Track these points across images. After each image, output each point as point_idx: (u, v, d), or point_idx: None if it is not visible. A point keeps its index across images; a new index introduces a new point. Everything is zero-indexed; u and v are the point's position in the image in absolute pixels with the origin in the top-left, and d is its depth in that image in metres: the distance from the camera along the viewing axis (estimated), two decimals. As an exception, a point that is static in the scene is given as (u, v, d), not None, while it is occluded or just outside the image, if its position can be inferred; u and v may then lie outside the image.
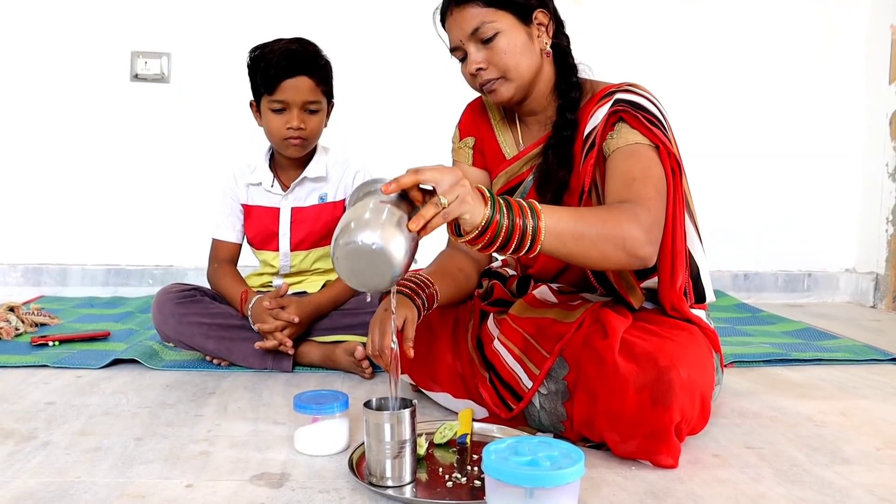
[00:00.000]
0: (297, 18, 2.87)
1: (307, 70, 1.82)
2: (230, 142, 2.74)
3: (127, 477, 1.20)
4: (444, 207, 1.05)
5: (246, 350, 1.85)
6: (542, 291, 1.52)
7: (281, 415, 1.52)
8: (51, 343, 2.06)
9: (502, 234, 1.12)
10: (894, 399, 1.70)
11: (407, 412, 1.15)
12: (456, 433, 1.32)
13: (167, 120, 2.96)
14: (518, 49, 1.39)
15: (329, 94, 1.91)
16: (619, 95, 1.38)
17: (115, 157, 2.95)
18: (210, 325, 1.85)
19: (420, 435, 1.26)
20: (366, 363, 1.78)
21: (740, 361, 1.96)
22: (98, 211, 2.96)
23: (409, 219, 1.05)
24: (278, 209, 1.97)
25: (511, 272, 1.63)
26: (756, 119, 3.08)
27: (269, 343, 1.80)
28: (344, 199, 1.98)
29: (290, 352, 1.82)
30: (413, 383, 1.61)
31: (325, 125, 1.93)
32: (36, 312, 2.35)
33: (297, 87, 1.81)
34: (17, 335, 2.17)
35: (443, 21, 1.45)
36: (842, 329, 2.50)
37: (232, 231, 2.00)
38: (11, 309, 2.29)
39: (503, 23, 1.38)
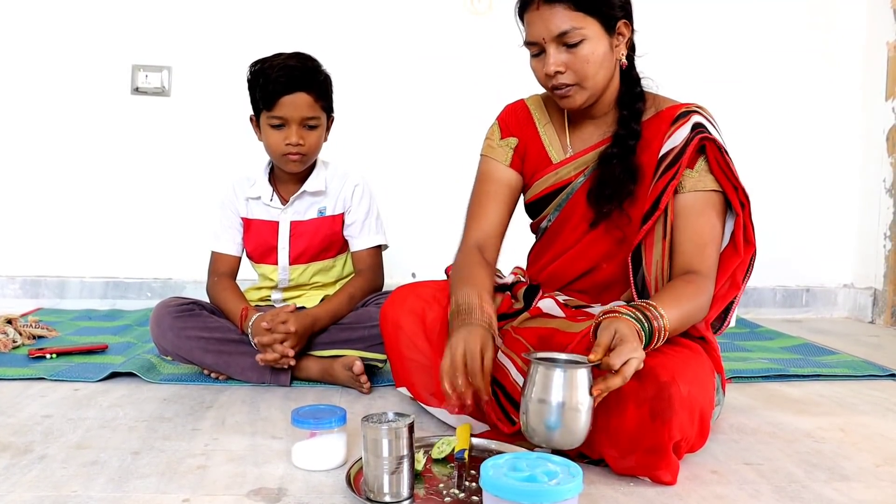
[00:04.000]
0: (299, 32, 2.89)
1: (306, 86, 1.82)
2: (230, 155, 2.74)
3: (123, 491, 1.19)
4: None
5: (244, 364, 1.85)
6: (549, 305, 1.52)
7: (279, 429, 1.52)
8: (48, 356, 2.05)
9: (646, 349, 1.22)
10: (893, 415, 1.69)
11: (405, 427, 1.14)
12: (454, 448, 1.31)
13: (167, 133, 2.96)
14: (599, 59, 1.39)
15: (328, 109, 1.91)
16: (695, 119, 1.43)
17: (115, 170, 2.95)
18: (208, 339, 1.85)
19: (418, 450, 1.26)
20: (364, 378, 1.77)
21: (739, 377, 1.96)
22: (97, 223, 2.95)
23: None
24: (277, 223, 1.97)
25: (521, 279, 1.64)
26: (753, 135, 3.09)
27: (270, 356, 1.78)
28: (343, 213, 1.98)
29: (292, 363, 1.81)
30: (412, 396, 1.61)
31: (325, 139, 1.93)
32: (34, 325, 2.34)
33: (296, 104, 1.82)
34: (15, 347, 2.16)
35: (524, 10, 1.43)
36: (840, 345, 2.50)
37: (231, 244, 2.00)
38: (9, 321, 2.28)
39: (590, 30, 1.38)
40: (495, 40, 2.96)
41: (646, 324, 1.22)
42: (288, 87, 1.80)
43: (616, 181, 1.44)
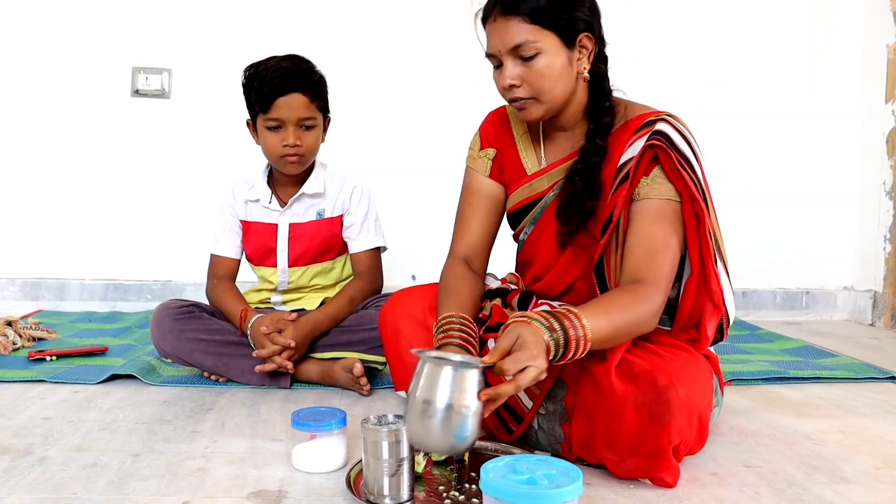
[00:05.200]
0: (298, 34, 2.89)
1: (300, 87, 1.82)
2: (229, 157, 2.74)
3: (123, 493, 1.19)
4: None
5: (244, 366, 1.85)
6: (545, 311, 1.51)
7: (279, 431, 1.52)
8: (48, 358, 2.05)
9: (559, 360, 1.18)
10: (893, 417, 1.69)
11: (404, 430, 1.14)
12: None
13: (167, 135, 2.96)
14: (556, 73, 1.35)
15: (324, 110, 1.91)
16: (658, 126, 1.36)
17: (115, 172, 2.95)
18: (208, 341, 1.85)
19: (418, 452, 1.26)
20: (364, 380, 1.78)
21: (739, 379, 1.96)
22: (97, 225, 2.95)
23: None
24: (276, 225, 1.97)
25: (513, 287, 1.63)
26: (753, 137, 3.09)
27: (269, 366, 1.80)
28: (342, 215, 1.98)
29: (291, 371, 1.82)
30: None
31: (323, 140, 1.93)
32: (34, 327, 2.34)
33: (291, 105, 1.82)
34: (15, 350, 2.16)
35: (484, 22, 1.41)
36: (840, 347, 2.50)
37: (231, 247, 2.00)
38: (9, 323, 2.28)
39: (546, 43, 1.33)
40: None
41: (559, 333, 1.16)
42: (283, 88, 1.80)
43: (578, 199, 1.40)
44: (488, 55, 1.41)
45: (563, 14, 1.33)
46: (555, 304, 1.53)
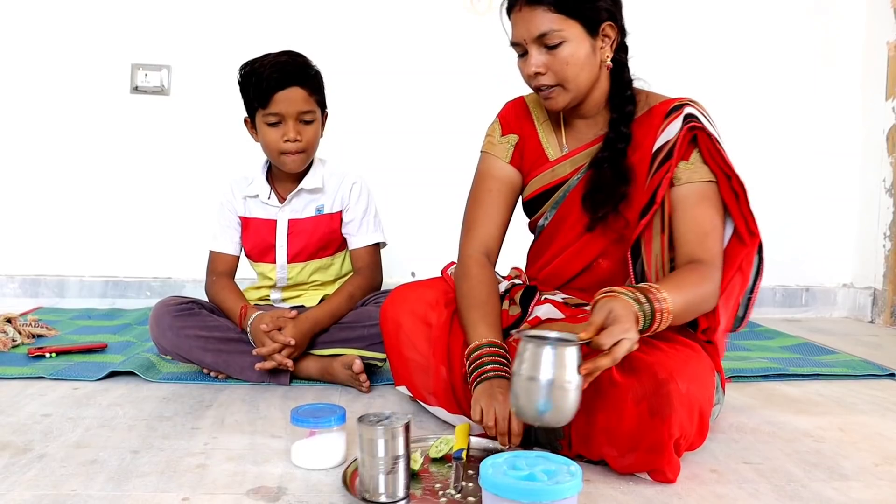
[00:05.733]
0: (298, 31, 2.88)
1: (299, 81, 1.83)
2: (229, 154, 2.74)
3: (123, 490, 1.19)
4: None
5: (243, 363, 1.85)
6: (546, 310, 1.51)
7: (278, 428, 1.52)
8: (48, 355, 2.05)
9: (646, 332, 1.23)
10: (892, 414, 1.69)
11: (401, 427, 1.14)
12: (452, 448, 1.31)
13: (166, 132, 2.96)
14: (580, 61, 1.39)
15: (322, 104, 1.91)
16: (688, 110, 1.42)
17: (115, 169, 2.95)
18: (208, 338, 1.85)
19: (416, 449, 1.26)
20: (363, 377, 1.78)
21: (738, 376, 1.96)
22: (96, 222, 2.95)
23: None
24: (275, 221, 1.97)
25: (517, 282, 1.63)
26: (752, 135, 3.09)
27: (269, 364, 1.80)
28: (341, 211, 1.98)
29: (291, 369, 1.82)
30: (411, 395, 1.61)
31: (321, 135, 1.93)
32: (33, 324, 2.34)
33: (290, 99, 1.82)
34: (14, 346, 2.16)
35: (509, 11, 1.44)
36: (840, 344, 2.50)
37: (230, 243, 2.00)
38: (9, 320, 2.28)
39: (570, 32, 1.38)
40: (495, 41, 2.95)
41: (646, 305, 1.21)
42: (281, 82, 1.81)
43: (608, 185, 1.44)
44: (513, 44, 1.44)
45: (587, 3, 1.38)
46: (558, 299, 1.54)
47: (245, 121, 1.93)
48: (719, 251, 1.40)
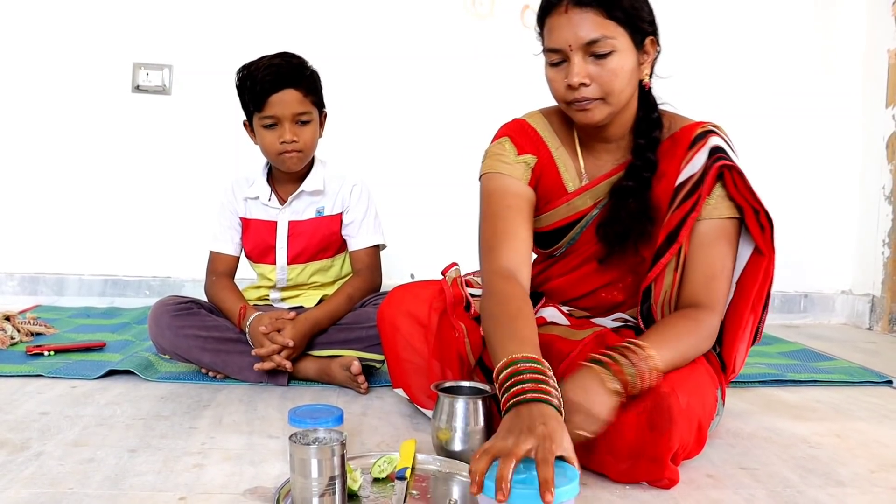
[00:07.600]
0: (299, 32, 2.89)
1: (293, 82, 1.83)
2: (229, 154, 2.74)
3: (120, 489, 1.19)
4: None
5: (242, 363, 1.85)
6: (552, 313, 1.50)
7: (275, 428, 1.52)
8: (46, 353, 2.05)
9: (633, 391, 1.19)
10: (889, 421, 1.70)
11: (337, 445, 1.04)
12: (396, 467, 1.23)
13: (168, 131, 2.96)
14: (627, 75, 1.28)
15: (320, 105, 1.91)
16: (712, 142, 1.34)
17: (115, 168, 2.95)
18: (206, 337, 1.85)
19: (355, 468, 1.17)
20: (361, 378, 1.78)
21: (736, 382, 1.96)
22: (96, 221, 2.96)
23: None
24: (276, 222, 1.97)
25: None
26: (752, 142, 3.08)
27: (267, 365, 1.80)
28: (341, 213, 1.98)
29: (289, 370, 1.82)
30: (408, 398, 1.61)
31: (320, 135, 1.94)
32: (32, 322, 2.34)
33: (285, 101, 1.82)
34: (13, 344, 2.16)
35: (548, 13, 1.29)
36: (837, 351, 2.50)
37: (230, 244, 2.00)
38: (7, 318, 2.28)
39: (621, 42, 1.27)
40: (496, 44, 2.97)
41: (629, 367, 1.17)
42: (275, 85, 1.81)
43: (630, 219, 1.34)
44: (550, 50, 1.29)
45: (637, 13, 1.29)
46: (565, 308, 1.52)
47: (244, 124, 1.93)
48: (722, 295, 1.35)
